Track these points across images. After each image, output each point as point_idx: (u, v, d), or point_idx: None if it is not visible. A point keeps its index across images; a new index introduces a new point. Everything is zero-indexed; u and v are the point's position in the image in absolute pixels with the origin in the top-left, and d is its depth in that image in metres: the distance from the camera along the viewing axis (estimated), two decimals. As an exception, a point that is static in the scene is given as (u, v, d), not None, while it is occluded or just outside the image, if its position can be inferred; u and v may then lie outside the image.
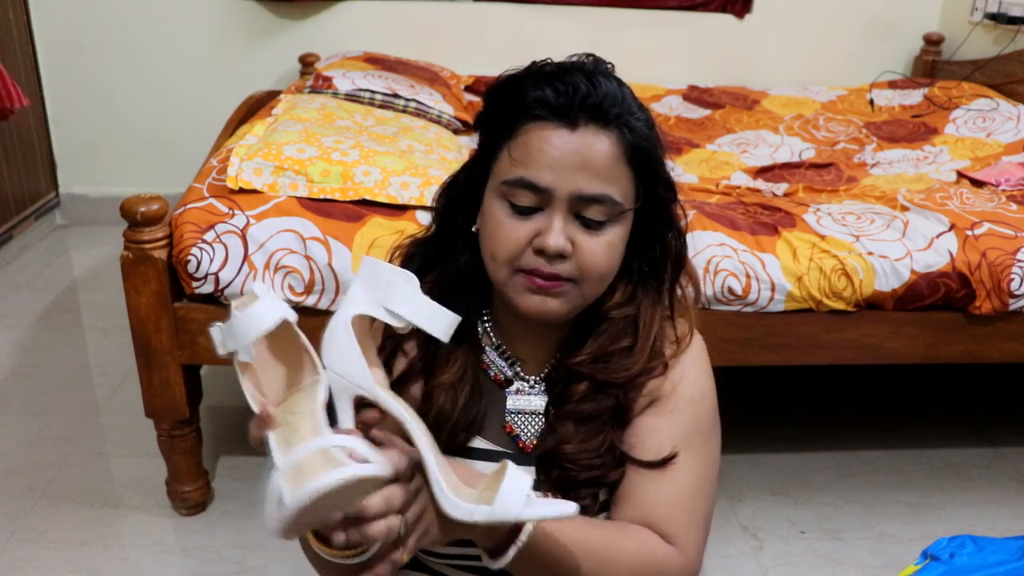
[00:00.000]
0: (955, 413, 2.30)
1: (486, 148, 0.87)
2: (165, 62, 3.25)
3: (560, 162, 0.79)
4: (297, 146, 1.73)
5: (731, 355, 1.77)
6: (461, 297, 0.89)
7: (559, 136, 0.80)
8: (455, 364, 0.89)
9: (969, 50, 3.17)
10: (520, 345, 0.93)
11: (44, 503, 1.86)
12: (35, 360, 2.46)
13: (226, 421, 2.17)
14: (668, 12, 3.30)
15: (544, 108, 0.80)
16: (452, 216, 0.91)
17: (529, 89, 0.81)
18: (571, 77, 0.80)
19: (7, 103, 2.38)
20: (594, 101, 0.80)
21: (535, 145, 0.80)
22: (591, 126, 0.80)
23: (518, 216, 0.82)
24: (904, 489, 1.99)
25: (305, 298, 1.63)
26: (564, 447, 0.87)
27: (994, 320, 1.78)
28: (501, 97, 0.85)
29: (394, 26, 3.24)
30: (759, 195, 2.14)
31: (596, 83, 0.80)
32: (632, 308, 0.89)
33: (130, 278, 1.59)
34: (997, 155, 2.42)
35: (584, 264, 0.82)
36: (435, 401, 0.88)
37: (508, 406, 0.92)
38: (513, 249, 0.81)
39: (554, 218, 0.80)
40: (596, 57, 0.86)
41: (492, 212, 0.83)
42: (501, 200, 0.82)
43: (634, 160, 0.83)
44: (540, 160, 0.80)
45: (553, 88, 0.80)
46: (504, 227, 0.82)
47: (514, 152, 0.81)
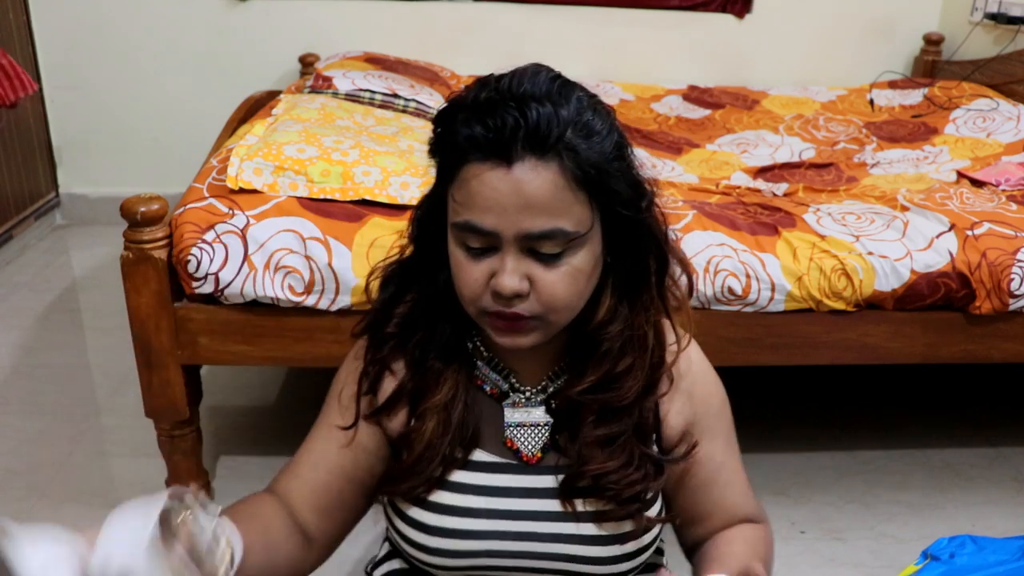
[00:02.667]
0: (955, 413, 2.30)
1: (441, 178, 0.83)
2: (165, 62, 3.25)
3: (501, 204, 0.75)
4: (297, 146, 1.73)
5: (731, 355, 1.77)
6: (444, 317, 0.88)
7: (496, 176, 0.74)
8: (445, 384, 0.88)
9: (969, 50, 3.17)
10: (513, 358, 0.91)
11: (44, 503, 1.86)
12: (35, 360, 2.46)
13: (226, 421, 2.17)
14: (668, 12, 3.29)
15: (476, 149, 0.75)
16: (425, 238, 0.88)
17: (460, 128, 0.76)
18: (500, 111, 0.74)
19: (12, 93, 2.37)
20: (527, 132, 0.74)
21: (474, 188, 0.76)
22: (528, 160, 0.74)
23: (473, 257, 0.79)
24: (904, 489, 1.99)
25: (305, 298, 1.63)
26: (594, 469, 0.85)
27: (994, 320, 1.78)
28: (441, 132, 0.80)
29: (394, 26, 3.24)
30: (759, 195, 2.14)
31: (527, 112, 0.74)
32: (621, 323, 0.85)
33: (130, 278, 1.59)
34: (997, 155, 2.42)
35: (545, 299, 0.78)
36: (426, 423, 0.87)
37: (507, 419, 0.90)
38: (474, 290, 0.79)
39: (506, 259, 0.77)
40: (535, 68, 0.79)
41: (452, 251, 0.81)
42: (456, 242, 0.80)
43: (584, 182, 0.76)
44: (480, 203, 0.76)
45: (483, 125, 0.74)
46: (463, 269, 0.80)
47: (456, 195, 0.78)
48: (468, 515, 0.88)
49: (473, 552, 0.89)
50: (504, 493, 0.89)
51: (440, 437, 0.87)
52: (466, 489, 0.89)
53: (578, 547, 0.88)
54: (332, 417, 0.93)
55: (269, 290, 1.61)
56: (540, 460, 0.90)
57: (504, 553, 0.89)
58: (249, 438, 2.12)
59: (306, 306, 1.64)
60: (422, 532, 0.88)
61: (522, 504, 0.89)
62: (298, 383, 2.31)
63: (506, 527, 0.88)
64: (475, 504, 0.88)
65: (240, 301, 1.64)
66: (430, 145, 0.83)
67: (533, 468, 0.90)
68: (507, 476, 0.89)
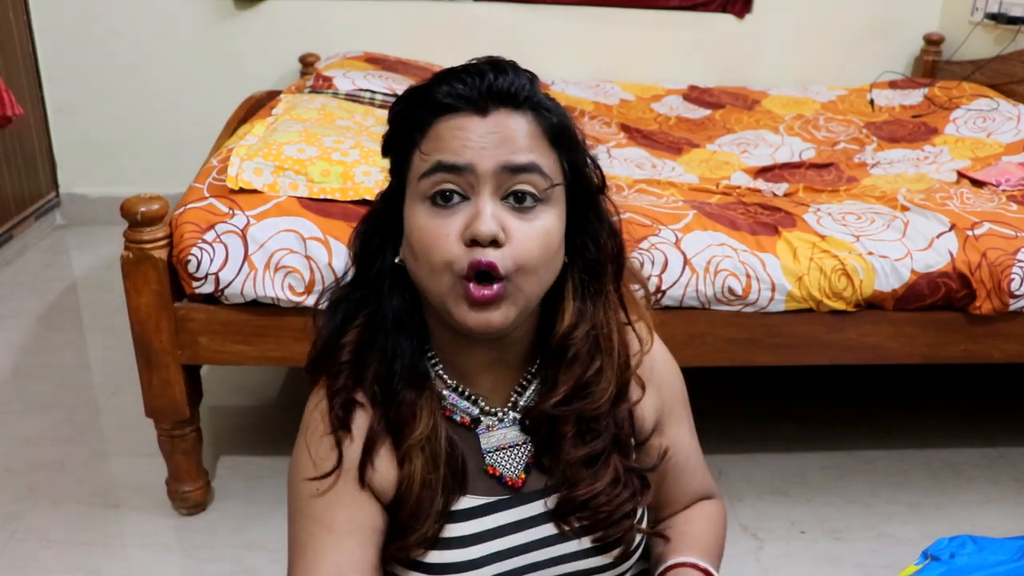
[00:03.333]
0: (955, 413, 2.30)
1: (398, 167, 0.81)
2: (165, 62, 3.25)
3: (477, 143, 0.74)
4: (297, 146, 1.73)
5: (731, 355, 1.77)
6: (400, 341, 0.82)
7: (471, 122, 0.74)
8: (422, 417, 0.81)
9: (969, 50, 3.17)
10: (477, 380, 0.85)
11: (44, 503, 1.86)
12: (35, 360, 2.46)
13: (226, 421, 2.17)
14: (668, 12, 3.29)
15: (452, 98, 0.75)
16: (373, 255, 0.83)
17: (434, 88, 0.76)
18: (476, 67, 0.76)
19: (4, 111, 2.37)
20: (502, 86, 0.75)
21: (447, 133, 0.75)
22: (503, 109, 0.75)
23: (443, 211, 0.74)
24: (904, 489, 1.99)
25: (305, 298, 1.63)
26: (583, 494, 0.83)
27: (994, 320, 1.78)
28: (405, 109, 0.79)
29: (394, 26, 3.24)
30: (759, 195, 2.14)
31: (503, 71, 0.76)
32: (588, 325, 0.83)
33: (130, 278, 1.59)
34: (997, 155, 2.42)
35: (519, 253, 0.74)
36: (413, 464, 0.80)
37: (484, 446, 0.85)
38: (445, 249, 0.74)
39: (481, 202, 0.74)
40: (497, 57, 0.79)
41: (415, 221, 0.76)
42: (421, 202, 0.76)
43: (555, 141, 0.78)
44: (455, 144, 0.74)
45: (458, 79, 0.75)
46: (430, 229, 0.74)
47: (425, 148, 0.76)
48: (467, 568, 0.83)
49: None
50: (498, 533, 0.85)
51: (432, 473, 0.81)
52: (462, 542, 0.83)
53: (580, 562, 0.86)
54: (329, 515, 0.80)
55: (269, 290, 1.61)
56: (525, 482, 0.86)
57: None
58: (249, 438, 2.12)
59: (306, 306, 1.64)
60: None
61: (518, 539, 0.85)
62: (298, 383, 2.31)
63: (507, 567, 0.85)
64: (473, 555, 0.83)
65: (240, 301, 1.64)
66: (387, 136, 0.82)
67: (521, 498, 0.86)
68: (498, 515, 0.85)
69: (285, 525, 0.85)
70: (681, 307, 1.72)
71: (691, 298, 1.70)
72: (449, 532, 0.83)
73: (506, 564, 0.84)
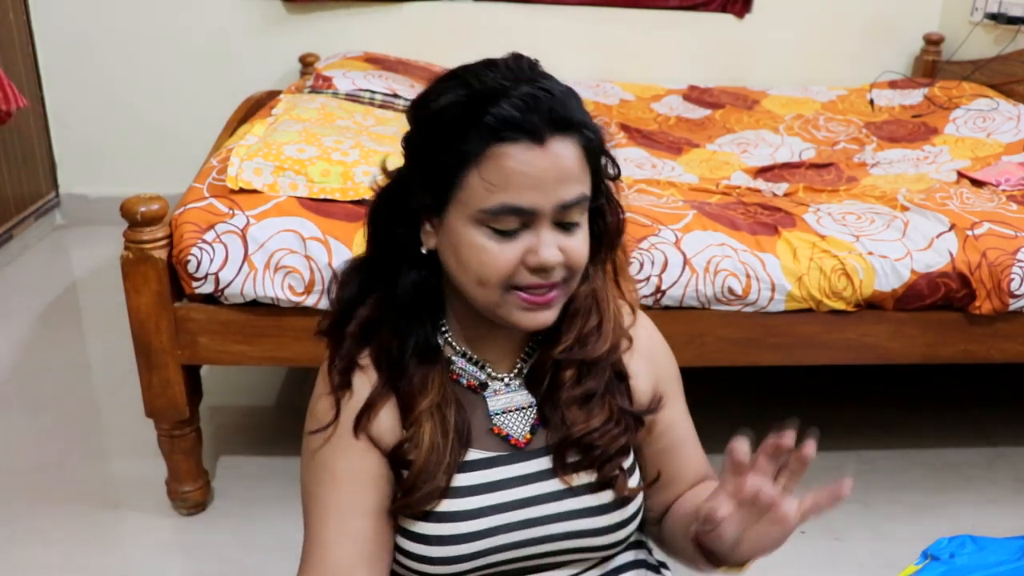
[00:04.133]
0: (955, 413, 2.30)
1: (438, 173, 0.81)
2: (165, 62, 3.25)
3: (541, 181, 0.78)
4: (297, 146, 1.73)
5: (731, 355, 1.77)
6: (414, 320, 0.88)
7: (531, 155, 0.77)
8: (433, 385, 0.87)
9: (969, 50, 3.17)
10: (486, 347, 0.92)
11: (44, 503, 1.86)
12: (35, 360, 2.46)
13: (226, 421, 2.17)
14: (668, 12, 3.29)
15: (510, 128, 0.77)
16: (390, 237, 0.87)
17: (487, 107, 0.77)
18: (525, 89, 0.77)
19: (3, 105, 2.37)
20: (556, 111, 0.78)
21: (511, 168, 0.77)
22: (556, 137, 0.78)
23: (503, 239, 0.80)
24: (904, 489, 1.99)
25: (305, 298, 1.63)
26: (579, 431, 0.88)
27: (994, 320, 1.78)
28: (454, 121, 0.79)
29: (394, 26, 3.24)
30: (759, 195, 2.14)
31: (549, 90, 0.79)
32: (589, 286, 0.90)
33: (130, 278, 1.59)
34: (997, 155, 2.42)
35: (571, 264, 0.82)
36: (423, 427, 0.86)
37: (491, 408, 0.91)
38: (505, 272, 0.80)
39: (542, 233, 0.80)
40: (517, 55, 0.83)
41: (469, 239, 0.80)
42: (479, 226, 0.80)
43: (590, 155, 0.83)
44: (520, 182, 0.77)
45: (512, 104, 0.77)
46: (490, 252, 0.80)
47: (488, 177, 0.78)
48: (468, 518, 0.88)
49: (475, 553, 0.88)
50: (499, 487, 0.89)
51: (441, 438, 0.86)
52: (464, 492, 0.88)
53: (577, 521, 0.90)
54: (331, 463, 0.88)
55: (269, 290, 1.61)
56: (529, 442, 0.91)
57: (504, 547, 0.89)
58: (249, 438, 2.12)
59: (306, 306, 1.64)
60: (422, 544, 0.87)
61: (518, 493, 0.89)
62: (298, 383, 2.31)
63: (505, 519, 0.88)
64: (474, 505, 0.88)
65: (240, 301, 1.64)
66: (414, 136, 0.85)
67: (524, 454, 0.91)
68: (500, 468, 0.90)
69: (285, 525, 0.86)
70: (681, 307, 1.72)
71: (691, 298, 1.70)
72: (453, 482, 0.88)
73: (506, 516, 0.89)
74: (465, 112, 0.78)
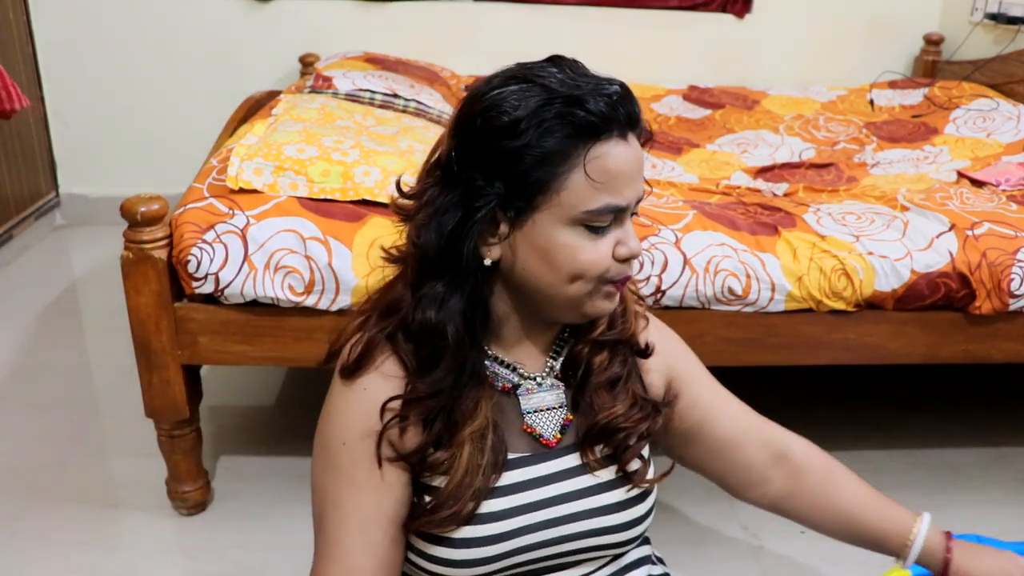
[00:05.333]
0: (955, 413, 2.29)
1: (527, 179, 0.80)
2: (165, 62, 3.25)
3: (632, 177, 0.83)
4: (297, 146, 1.73)
5: (731, 355, 1.77)
6: (475, 335, 0.87)
7: (624, 151, 0.82)
8: (481, 411, 0.87)
9: (969, 50, 3.17)
10: (517, 350, 0.93)
11: (44, 503, 1.86)
12: (35, 360, 2.46)
13: (226, 421, 2.17)
14: (668, 12, 3.29)
15: (608, 125, 0.80)
16: (471, 258, 0.84)
17: (577, 108, 0.79)
18: (607, 88, 0.82)
19: (7, 105, 2.37)
20: (633, 107, 0.83)
21: (611, 166, 0.81)
22: (631, 132, 0.83)
23: (598, 236, 0.83)
24: (904, 489, 1.99)
25: (305, 298, 1.63)
26: (608, 416, 0.91)
27: (994, 320, 1.78)
28: (540, 123, 0.78)
29: (394, 26, 3.24)
30: (759, 195, 2.14)
31: (621, 87, 0.83)
32: None
33: (130, 278, 1.59)
34: (997, 155, 2.42)
35: (639, 251, 0.87)
36: (463, 449, 0.85)
37: (524, 407, 0.92)
38: (603, 266, 0.84)
39: (628, 226, 0.85)
40: (561, 56, 0.86)
41: (563, 240, 0.82)
42: (574, 226, 0.82)
43: None
44: (619, 180, 0.82)
45: (602, 103, 0.80)
46: (587, 250, 0.83)
47: (596, 176, 0.80)
48: (497, 519, 0.87)
49: (500, 555, 0.88)
50: (528, 486, 0.90)
51: (478, 462, 0.86)
52: (495, 493, 0.88)
53: (599, 519, 0.91)
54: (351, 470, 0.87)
55: (269, 290, 1.61)
56: (560, 442, 0.93)
57: (528, 547, 0.89)
58: (249, 438, 2.12)
59: (306, 306, 1.64)
60: (447, 547, 0.87)
61: (545, 492, 0.90)
62: (298, 383, 2.31)
63: (531, 519, 0.89)
64: (503, 506, 0.88)
65: (240, 301, 1.64)
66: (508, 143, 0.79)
67: (553, 452, 0.92)
68: (529, 468, 0.91)
69: (285, 525, 0.86)
70: (681, 307, 1.72)
71: (691, 298, 1.70)
72: None
73: (532, 516, 0.89)
74: (557, 115, 0.79)
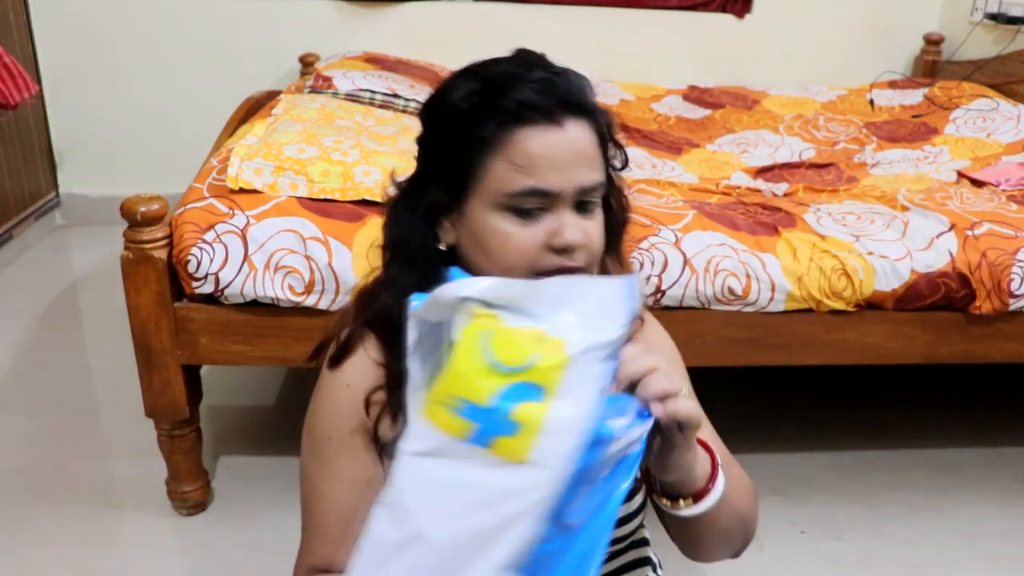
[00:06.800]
0: (955, 413, 2.30)
1: (458, 164, 0.83)
2: (165, 62, 3.25)
3: (562, 162, 0.80)
4: (297, 146, 1.73)
5: (731, 355, 1.77)
6: None
7: (552, 136, 0.80)
8: None
9: (969, 50, 3.17)
10: None
11: (44, 503, 1.86)
12: (35, 360, 2.46)
13: (226, 421, 2.17)
14: (668, 12, 3.29)
15: (528, 111, 0.80)
16: (408, 239, 0.88)
17: (504, 93, 0.80)
18: (539, 74, 0.81)
19: (17, 93, 2.36)
20: (572, 93, 0.82)
21: (535, 150, 0.80)
22: (572, 119, 0.81)
23: (527, 221, 0.82)
24: (904, 489, 1.99)
25: (305, 298, 1.63)
26: None
27: (994, 320, 1.78)
28: (468, 108, 0.82)
29: (394, 26, 3.24)
30: (759, 195, 2.14)
31: (562, 73, 0.82)
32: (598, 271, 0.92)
33: (130, 278, 1.59)
34: (997, 155, 2.42)
35: (592, 248, 0.84)
36: None
37: None
38: (531, 255, 0.82)
39: (564, 215, 0.82)
40: (524, 48, 0.86)
41: (494, 226, 0.82)
42: (502, 212, 0.82)
43: (602, 140, 0.86)
44: (543, 164, 0.80)
45: (529, 88, 0.80)
46: (515, 237, 0.82)
47: (516, 160, 0.80)
48: None
49: None
50: None
51: None
52: None
53: None
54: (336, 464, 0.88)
55: (269, 290, 1.61)
56: None
57: None
58: (249, 438, 2.12)
59: (306, 306, 1.64)
60: None
61: None
62: (298, 383, 2.31)
63: None
64: None
65: (240, 301, 1.64)
66: (430, 136, 0.86)
67: None
68: None
69: (285, 525, 0.85)
70: (681, 307, 1.72)
71: (691, 298, 1.70)
72: None
73: None
74: (482, 100, 0.81)
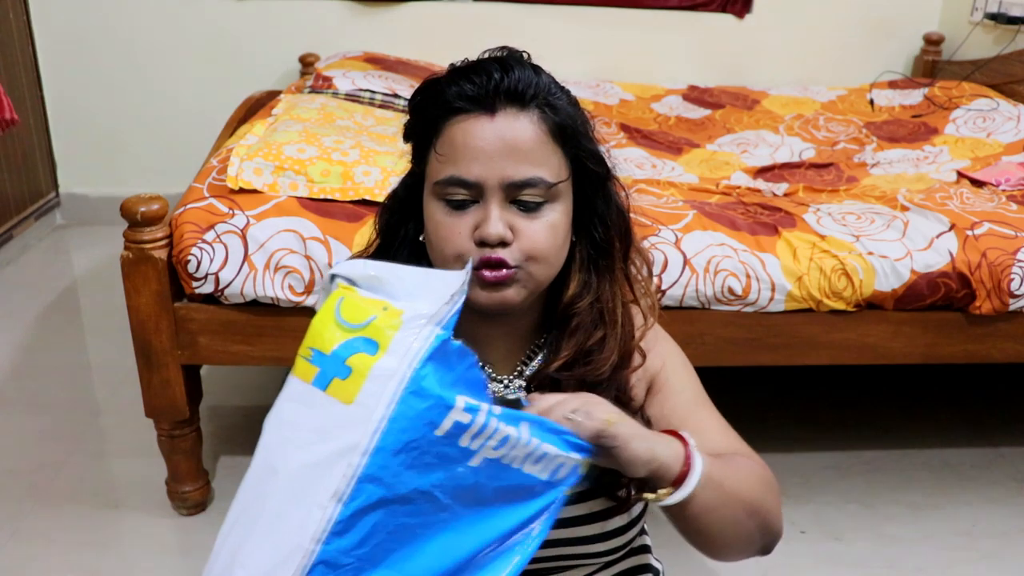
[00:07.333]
0: (955, 413, 2.30)
1: (417, 155, 0.87)
2: (165, 62, 3.25)
3: (485, 152, 0.79)
4: (297, 146, 1.73)
5: (731, 355, 1.77)
6: None
7: (480, 125, 0.80)
8: None
9: (969, 50, 3.17)
10: (487, 349, 0.90)
11: (44, 503, 1.86)
12: (35, 360, 2.46)
13: (226, 421, 2.17)
14: (668, 12, 3.29)
15: (463, 100, 0.80)
16: (395, 228, 0.91)
17: (446, 87, 0.82)
18: (485, 67, 0.81)
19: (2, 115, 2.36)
20: (509, 85, 0.80)
21: (459, 140, 0.80)
22: (510, 109, 0.80)
23: (456, 212, 0.82)
24: (905, 489, 1.99)
25: (305, 298, 1.63)
26: None
27: (994, 320, 1.78)
28: (421, 102, 0.85)
29: (394, 26, 3.24)
30: (759, 195, 2.14)
31: (510, 69, 0.81)
32: (592, 296, 0.88)
33: (130, 278, 1.59)
34: (997, 155, 2.42)
35: (527, 248, 0.81)
36: None
37: None
38: (458, 245, 0.81)
39: (490, 207, 0.80)
40: (510, 48, 0.86)
41: (431, 214, 0.84)
42: (437, 200, 0.83)
43: (560, 138, 0.83)
44: (466, 154, 0.80)
45: (468, 80, 0.81)
46: (445, 226, 0.82)
47: (440, 149, 0.82)
48: None
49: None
50: None
51: None
52: None
53: (577, 528, 0.88)
54: None
55: (269, 290, 1.61)
56: None
57: None
58: (249, 438, 2.10)
59: (306, 306, 1.64)
60: None
61: None
62: (298, 383, 2.30)
63: None
64: None
65: (240, 301, 1.64)
66: (407, 124, 0.88)
67: None
68: None
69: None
70: (681, 307, 1.72)
71: (691, 298, 1.70)
72: None
73: None
74: (428, 93, 0.84)
